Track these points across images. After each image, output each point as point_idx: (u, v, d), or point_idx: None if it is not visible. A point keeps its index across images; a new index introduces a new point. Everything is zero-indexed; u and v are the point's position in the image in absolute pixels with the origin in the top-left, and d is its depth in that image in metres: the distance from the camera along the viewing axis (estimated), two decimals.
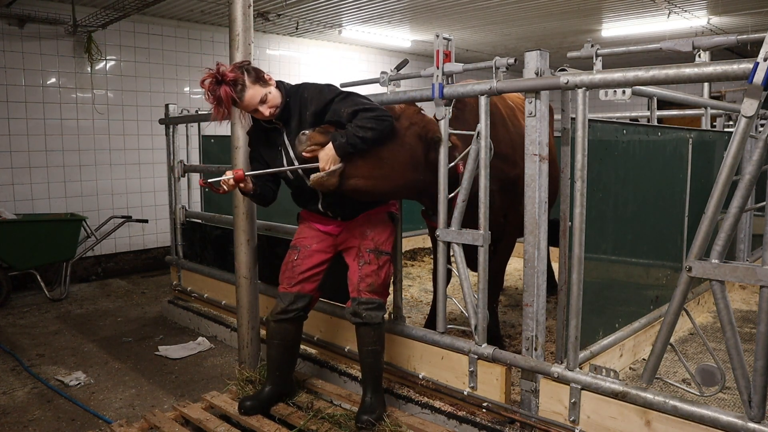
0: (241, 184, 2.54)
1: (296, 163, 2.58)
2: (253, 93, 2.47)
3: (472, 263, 2.76)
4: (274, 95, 2.53)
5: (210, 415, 2.81)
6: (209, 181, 2.51)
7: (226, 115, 2.46)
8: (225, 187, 2.52)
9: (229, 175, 2.50)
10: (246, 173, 2.55)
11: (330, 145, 2.39)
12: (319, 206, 2.68)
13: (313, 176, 2.42)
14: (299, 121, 2.57)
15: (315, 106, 2.53)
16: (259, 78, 2.51)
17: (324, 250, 2.75)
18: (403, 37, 7.97)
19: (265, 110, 2.51)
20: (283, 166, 2.62)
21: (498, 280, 3.44)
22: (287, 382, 2.87)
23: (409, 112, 2.63)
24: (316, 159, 2.42)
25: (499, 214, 3.12)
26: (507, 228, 3.23)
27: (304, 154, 2.43)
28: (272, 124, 2.62)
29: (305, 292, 2.73)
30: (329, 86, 2.60)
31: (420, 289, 4.88)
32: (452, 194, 2.71)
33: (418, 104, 2.79)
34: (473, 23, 7.19)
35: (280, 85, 2.60)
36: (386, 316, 3.22)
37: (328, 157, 2.40)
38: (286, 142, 2.61)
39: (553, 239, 2.53)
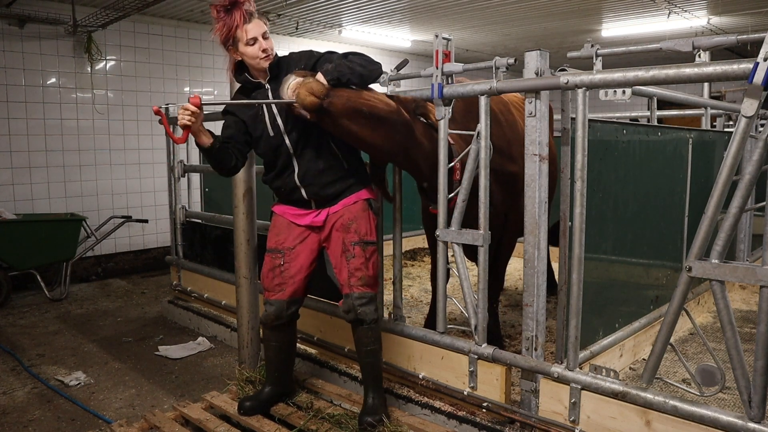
0: (188, 118, 2.29)
1: (281, 125, 2.52)
2: (260, 23, 2.47)
3: (472, 257, 2.76)
4: (272, 41, 2.53)
5: (210, 415, 2.81)
6: (162, 107, 2.26)
7: (232, 32, 2.43)
8: (182, 118, 2.29)
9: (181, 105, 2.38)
10: (203, 102, 2.34)
11: (318, 74, 2.34)
12: (295, 178, 2.56)
13: (294, 80, 2.30)
14: None
15: (304, 62, 2.53)
16: (265, 18, 2.53)
17: (311, 249, 2.67)
18: (403, 37, 7.97)
19: (264, 43, 2.47)
20: (265, 126, 2.53)
21: (498, 280, 3.44)
22: (287, 382, 2.87)
23: (405, 98, 2.66)
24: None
25: (500, 212, 3.11)
26: (507, 228, 3.23)
27: (288, 92, 2.31)
28: (257, 80, 2.56)
29: (298, 297, 2.69)
30: (319, 52, 2.62)
31: (420, 289, 4.88)
32: (452, 194, 2.71)
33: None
34: (473, 23, 7.19)
35: None
36: (386, 315, 3.23)
37: (314, 83, 2.31)
38: (271, 99, 2.55)
39: (553, 239, 2.53)
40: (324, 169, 2.56)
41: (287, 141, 2.54)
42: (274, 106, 2.53)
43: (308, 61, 2.54)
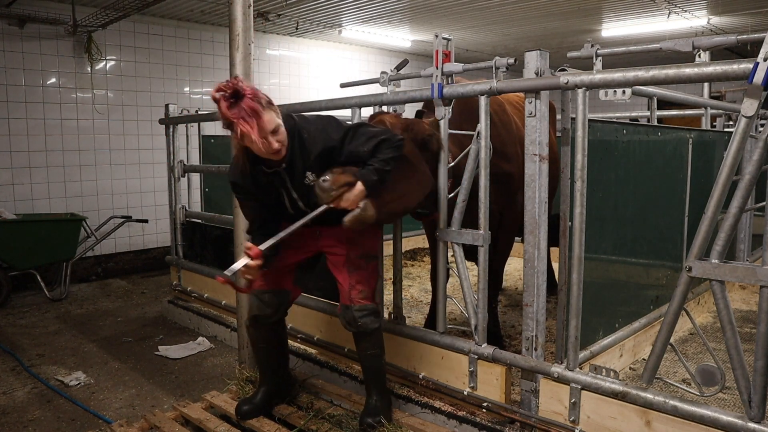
0: (254, 274, 2.29)
1: (300, 204, 2.42)
2: (269, 117, 2.16)
3: (472, 257, 2.76)
4: (284, 131, 2.25)
5: (210, 415, 2.81)
6: (227, 274, 2.23)
7: (253, 129, 2.11)
8: (248, 276, 2.29)
9: (244, 261, 2.26)
10: (262, 248, 2.28)
11: (359, 184, 2.24)
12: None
13: (347, 218, 2.26)
14: (302, 162, 2.33)
15: (320, 146, 2.32)
16: (272, 105, 2.22)
17: (305, 250, 2.63)
18: (403, 37, 7.97)
19: (274, 142, 2.18)
20: (285, 207, 2.43)
21: (497, 279, 3.44)
22: (282, 381, 2.84)
23: (393, 121, 2.57)
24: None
25: (495, 212, 3.11)
26: (503, 227, 3.23)
27: (329, 201, 2.24)
28: (271, 168, 2.33)
29: (280, 289, 2.62)
30: (327, 121, 2.40)
31: (420, 289, 4.88)
32: (452, 194, 2.71)
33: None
34: (473, 23, 7.19)
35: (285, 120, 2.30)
36: (386, 315, 3.23)
37: (356, 197, 2.24)
38: (288, 183, 2.37)
39: (553, 239, 2.53)
40: (335, 218, 2.41)
41: (309, 215, 2.40)
42: (293, 192, 2.39)
43: (324, 146, 2.31)
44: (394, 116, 2.64)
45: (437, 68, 2.64)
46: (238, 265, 2.28)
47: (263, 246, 2.30)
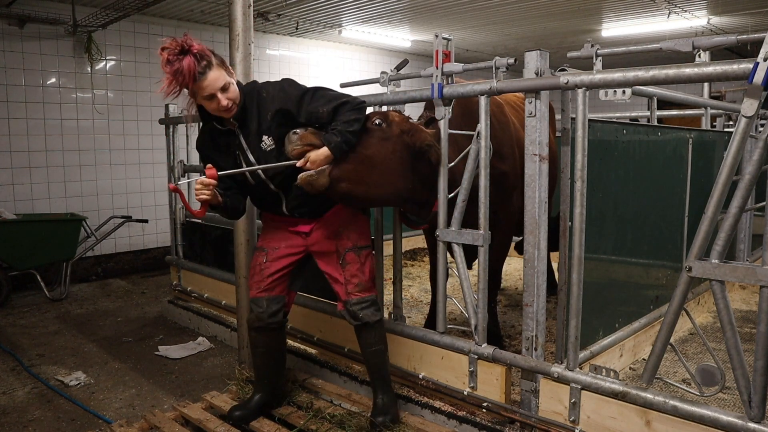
0: (207, 194, 2.28)
1: (260, 174, 2.45)
2: (217, 75, 2.26)
3: (468, 263, 2.76)
4: (235, 89, 2.35)
5: (210, 415, 2.81)
6: (179, 183, 2.30)
7: (176, 92, 2.22)
8: (201, 194, 2.27)
9: (200, 177, 2.29)
10: (219, 173, 2.29)
11: (324, 148, 2.29)
12: (283, 209, 2.56)
13: (302, 175, 2.31)
14: (258, 123, 2.40)
15: (277, 104, 2.37)
16: (224, 64, 2.32)
17: (293, 253, 2.63)
18: (403, 37, 7.97)
19: (224, 99, 2.29)
20: (244, 175, 2.45)
21: (495, 279, 3.43)
22: (277, 389, 2.83)
23: (399, 119, 2.57)
24: (299, 158, 2.33)
25: (490, 211, 3.11)
26: (499, 227, 3.22)
27: (291, 153, 2.31)
28: (226, 127, 2.44)
29: (276, 295, 2.64)
30: (288, 82, 2.45)
31: (420, 289, 4.88)
32: (452, 194, 2.71)
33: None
34: (473, 23, 7.19)
35: (238, 83, 2.43)
36: (386, 315, 3.23)
37: (319, 158, 2.29)
38: (244, 145, 2.43)
39: (553, 243, 2.52)
40: (312, 199, 2.50)
41: (271, 186, 2.49)
42: (249, 155, 2.43)
43: (281, 104, 2.37)
44: (400, 115, 2.64)
45: (437, 68, 2.63)
46: (193, 179, 2.37)
47: (222, 173, 2.31)
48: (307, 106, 2.37)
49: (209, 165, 2.31)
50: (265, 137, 2.41)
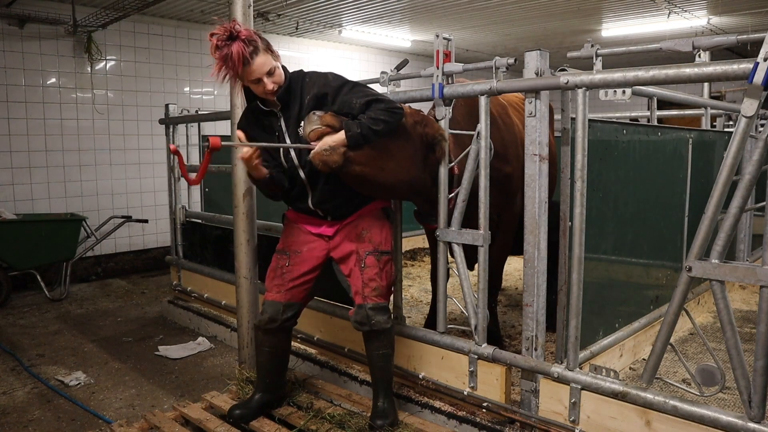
0: (247, 159, 2.32)
1: (294, 159, 2.47)
2: (264, 60, 2.32)
3: (468, 263, 2.75)
4: (281, 73, 2.40)
5: (210, 415, 2.80)
6: (224, 144, 2.23)
7: (228, 77, 2.31)
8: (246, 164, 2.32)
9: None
10: (223, 143, 2.24)
11: (342, 132, 2.29)
12: (309, 203, 2.55)
13: (314, 150, 2.29)
14: (299, 107, 2.44)
15: (317, 89, 2.41)
16: (271, 49, 2.38)
17: (317, 256, 2.62)
18: (403, 37, 7.97)
19: (269, 84, 2.35)
20: (279, 156, 2.49)
21: (496, 279, 3.44)
22: (278, 389, 2.82)
23: (410, 111, 2.57)
24: (317, 141, 2.32)
25: (493, 212, 3.11)
26: (502, 228, 3.23)
27: (310, 134, 2.31)
28: (269, 108, 2.48)
29: (296, 301, 2.62)
30: (333, 73, 2.49)
31: (420, 289, 4.88)
32: (452, 194, 2.71)
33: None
34: (473, 23, 7.19)
35: (284, 67, 2.48)
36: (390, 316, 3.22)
37: (335, 142, 2.29)
38: (284, 128, 2.47)
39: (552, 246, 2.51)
40: (338, 195, 2.52)
41: (301, 174, 2.50)
42: (287, 138, 2.46)
43: (320, 90, 2.41)
44: (409, 107, 2.63)
45: (438, 68, 2.64)
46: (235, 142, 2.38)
47: (227, 143, 2.32)
48: (344, 96, 2.39)
49: (215, 136, 2.32)
50: (302, 124, 2.42)
